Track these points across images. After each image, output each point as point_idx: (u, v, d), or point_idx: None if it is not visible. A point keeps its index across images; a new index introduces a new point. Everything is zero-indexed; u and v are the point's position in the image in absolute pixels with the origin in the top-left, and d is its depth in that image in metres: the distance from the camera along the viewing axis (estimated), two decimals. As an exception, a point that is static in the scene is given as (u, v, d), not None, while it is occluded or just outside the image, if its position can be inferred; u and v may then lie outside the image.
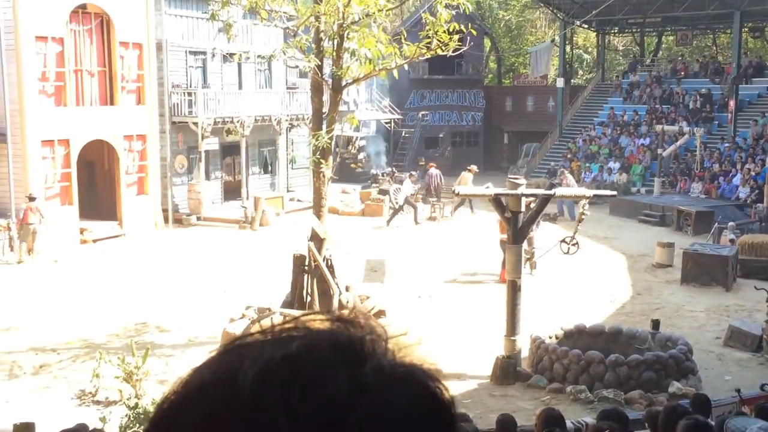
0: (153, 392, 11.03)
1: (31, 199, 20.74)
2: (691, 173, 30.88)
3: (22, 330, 14.96)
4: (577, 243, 20.17)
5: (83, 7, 22.91)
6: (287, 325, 0.91)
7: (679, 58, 41.90)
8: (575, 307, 16.98)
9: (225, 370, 0.86)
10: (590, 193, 15.59)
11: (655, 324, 13.77)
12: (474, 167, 27.21)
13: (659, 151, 30.87)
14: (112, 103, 23.99)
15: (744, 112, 33.80)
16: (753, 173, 28.44)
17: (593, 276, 19.80)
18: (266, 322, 12.39)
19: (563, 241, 20.36)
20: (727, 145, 31.92)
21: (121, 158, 24.04)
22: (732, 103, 33.29)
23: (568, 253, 20.93)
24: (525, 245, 15.17)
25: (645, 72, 40.23)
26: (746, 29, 39.45)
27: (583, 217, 19.56)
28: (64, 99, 22.51)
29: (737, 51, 34.90)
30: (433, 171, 29.10)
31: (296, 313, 0.96)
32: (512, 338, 12.98)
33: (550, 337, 13.27)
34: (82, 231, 22.92)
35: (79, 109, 22.90)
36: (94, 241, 23.02)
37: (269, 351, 0.86)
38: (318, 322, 0.91)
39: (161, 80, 25.83)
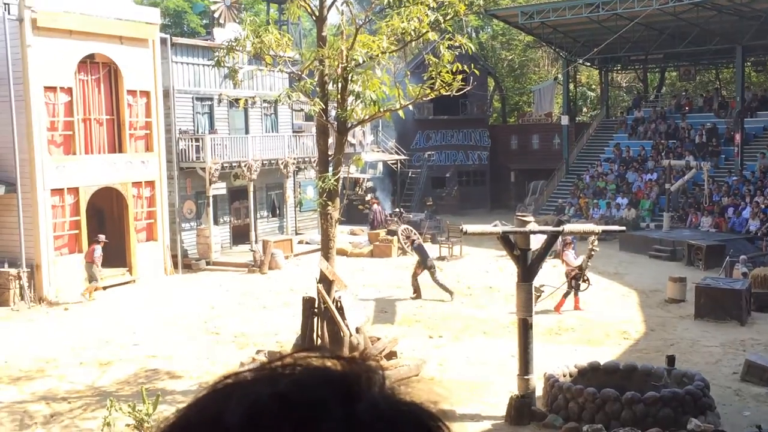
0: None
1: (98, 242, 21.84)
2: (700, 207, 30.81)
3: (33, 379, 14.88)
4: (587, 279, 20.13)
5: (91, 57, 23.23)
6: (279, 362, 0.87)
7: (683, 93, 42.07)
8: (588, 344, 16.82)
9: (212, 410, 0.82)
10: (599, 228, 15.55)
11: (671, 360, 13.60)
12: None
13: (667, 185, 30.85)
14: (120, 151, 24.17)
15: (750, 145, 33.82)
16: (762, 206, 28.36)
17: (605, 312, 19.64)
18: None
19: (573, 277, 20.30)
20: (735, 178, 31.89)
21: (130, 205, 24.15)
22: (738, 137, 33.32)
23: (578, 289, 20.84)
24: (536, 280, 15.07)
25: (649, 108, 40.40)
26: (749, 63, 39.69)
27: (592, 253, 19.57)
28: (72, 148, 22.69)
29: (740, 85, 35.06)
30: (376, 207, 32.38)
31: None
32: (526, 377, 12.84)
33: (564, 376, 13.12)
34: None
35: (88, 157, 23.08)
36: (105, 288, 23.00)
37: (258, 388, 0.83)
38: (313, 359, 0.88)
39: (169, 127, 26.06)
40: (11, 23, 21.23)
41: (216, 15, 29.98)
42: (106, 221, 25.34)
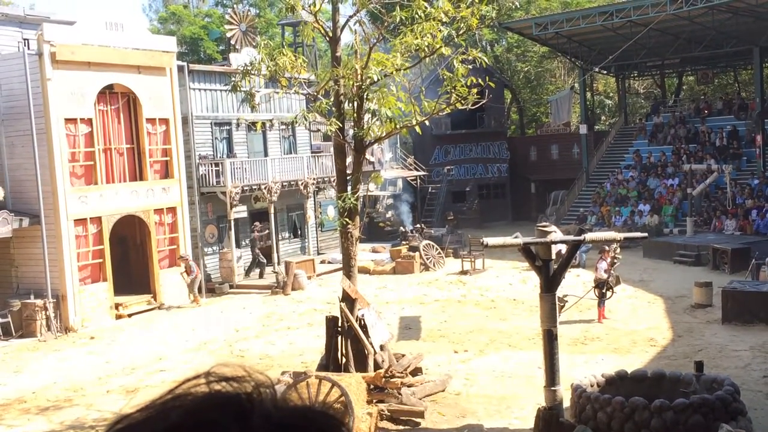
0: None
1: (184, 258, 24.42)
2: (723, 210, 30.51)
3: (61, 409, 15.00)
4: (611, 288, 19.96)
5: (110, 87, 23.54)
6: (166, 397, 0.90)
7: (702, 97, 41.76)
8: (615, 352, 16.66)
9: None
10: (620, 236, 15.42)
11: (699, 366, 13.40)
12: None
13: (689, 190, 30.58)
14: (141, 179, 24.42)
15: (772, 145, 33.49)
16: (787, 206, 28.03)
17: (631, 320, 19.46)
18: (302, 388, 12.31)
19: (597, 286, 20.15)
20: (757, 180, 31.55)
21: (153, 232, 24.36)
22: (759, 138, 33.01)
23: (603, 298, 20.66)
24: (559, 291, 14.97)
25: (668, 113, 40.16)
26: (767, 64, 39.36)
27: (615, 261, 19.42)
28: (94, 178, 22.96)
29: (759, 86, 34.78)
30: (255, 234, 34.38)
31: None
32: (553, 388, 12.71)
33: (592, 385, 12.98)
34: (117, 306, 23.11)
35: (110, 186, 23.34)
36: (130, 315, 23.17)
37: (151, 426, 0.85)
38: (199, 386, 0.91)
39: (188, 153, 26.30)
40: (31, 58, 21.57)
41: (232, 41, 30.30)
42: (129, 249, 25.57)
